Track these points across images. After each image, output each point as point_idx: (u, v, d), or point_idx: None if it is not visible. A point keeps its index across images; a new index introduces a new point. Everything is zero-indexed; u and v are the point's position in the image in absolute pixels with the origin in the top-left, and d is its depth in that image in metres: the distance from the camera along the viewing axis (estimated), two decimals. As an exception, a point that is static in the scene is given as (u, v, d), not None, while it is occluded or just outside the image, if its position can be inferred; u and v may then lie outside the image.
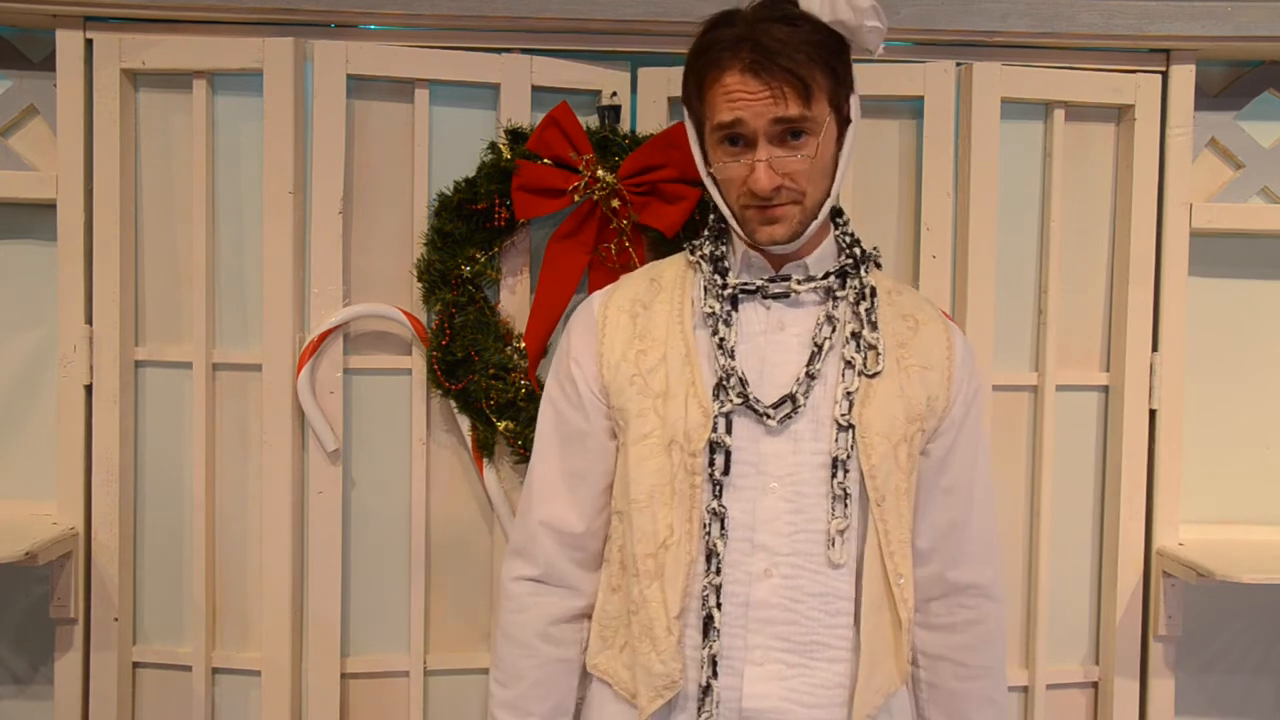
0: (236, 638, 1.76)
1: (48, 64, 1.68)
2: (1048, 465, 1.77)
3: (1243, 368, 1.86)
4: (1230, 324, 1.86)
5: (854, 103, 1.27)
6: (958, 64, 1.72)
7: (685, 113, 1.30)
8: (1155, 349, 1.77)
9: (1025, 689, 1.80)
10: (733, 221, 1.26)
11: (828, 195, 1.23)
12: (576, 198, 1.61)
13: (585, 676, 1.33)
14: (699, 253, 1.30)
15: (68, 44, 1.66)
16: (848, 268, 1.28)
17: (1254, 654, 1.90)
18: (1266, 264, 1.86)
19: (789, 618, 1.20)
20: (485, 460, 1.71)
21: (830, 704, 1.21)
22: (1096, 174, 1.81)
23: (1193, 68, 1.74)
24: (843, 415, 1.20)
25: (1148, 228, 1.76)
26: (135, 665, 1.75)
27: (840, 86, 1.22)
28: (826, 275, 1.26)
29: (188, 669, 1.73)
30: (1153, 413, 1.77)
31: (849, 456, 1.20)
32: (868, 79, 1.70)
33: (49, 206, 1.69)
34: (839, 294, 1.26)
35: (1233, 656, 1.89)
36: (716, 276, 1.26)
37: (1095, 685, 1.83)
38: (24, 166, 1.71)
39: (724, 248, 1.29)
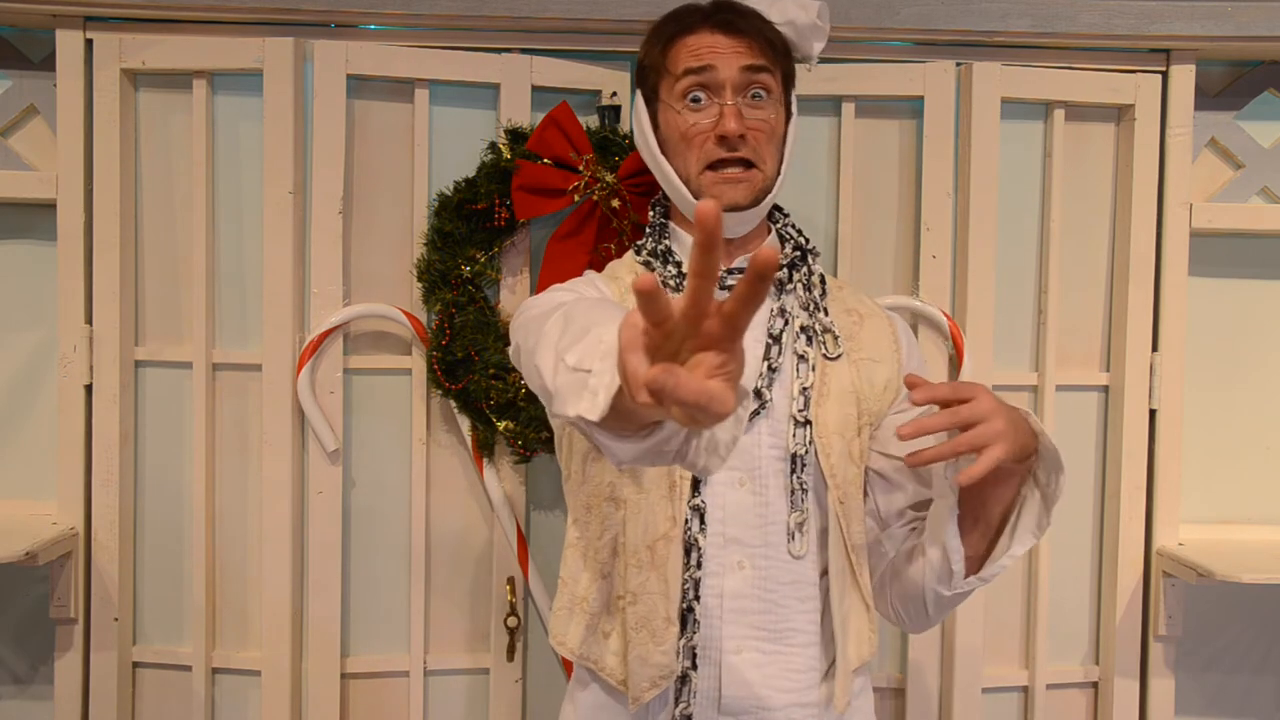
0: (236, 638, 1.76)
1: (48, 64, 1.68)
2: (1048, 465, 1.77)
3: (1243, 368, 1.86)
4: (1230, 324, 1.86)
5: (792, 105, 1.30)
6: (958, 64, 1.72)
7: (637, 96, 1.30)
8: (1155, 349, 1.77)
9: (1025, 689, 1.80)
10: (685, 193, 1.24)
11: (777, 175, 1.25)
12: (576, 198, 1.61)
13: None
14: (645, 251, 1.30)
15: (68, 44, 1.66)
16: (796, 260, 1.29)
17: (1254, 654, 1.90)
18: (1266, 264, 1.86)
19: (763, 607, 1.21)
20: (485, 460, 1.71)
21: (803, 687, 1.22)
22: (1096, 174, 1.81)
23: (1193, 68, 1.74)
24: (799, 411, 1.21)
25: (1148, 228, 1.76)
26: (135, 665, 1.75)
27: (788, 82, 1.28)
28: (780, 266, 1.26)
29: (188, 669, 1.73)
30: (1153, 413, 1.77)
31: (806, 452, 1.21)
32: (868, 79, 1.72)
33: (49, 206, 1.69)
34: (787, 286, 1.27)
35: (1233, 656, 1.89)
36: (670, 269, 1.26)
37: (1095, 685, 1.83)
38: (24, 166, 1.71)
39: (667, 243, 1.29)
